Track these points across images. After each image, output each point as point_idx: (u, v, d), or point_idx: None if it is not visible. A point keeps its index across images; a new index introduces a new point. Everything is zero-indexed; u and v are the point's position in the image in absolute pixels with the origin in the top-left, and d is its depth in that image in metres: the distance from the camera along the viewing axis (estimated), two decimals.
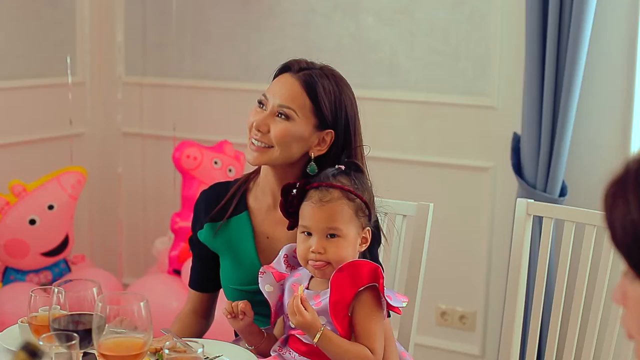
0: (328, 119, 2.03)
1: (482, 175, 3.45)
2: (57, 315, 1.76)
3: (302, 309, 1.81)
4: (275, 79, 2.08)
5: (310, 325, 1.82)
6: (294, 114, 2.02)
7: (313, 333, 1.82)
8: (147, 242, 4.22)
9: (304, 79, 2.03)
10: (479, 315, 3.52)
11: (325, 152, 2.05)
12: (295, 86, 2.03)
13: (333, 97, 2.04)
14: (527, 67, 3.17)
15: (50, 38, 4.07)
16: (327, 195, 1.88)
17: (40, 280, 3.63)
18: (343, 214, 1.87)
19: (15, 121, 3.94)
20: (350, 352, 1.82)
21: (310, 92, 2.02)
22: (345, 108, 2.05)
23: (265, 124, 2.03)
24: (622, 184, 1.05)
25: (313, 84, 2.02)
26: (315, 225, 1.88)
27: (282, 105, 2.02)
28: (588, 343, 2.21)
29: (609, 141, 3.20)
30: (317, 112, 2.03)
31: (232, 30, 3.94)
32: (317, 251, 1.86)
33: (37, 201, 3.58)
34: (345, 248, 1.88)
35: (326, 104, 2.03)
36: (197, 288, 2.23)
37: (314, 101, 2.02)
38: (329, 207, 1.87)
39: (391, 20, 3.56)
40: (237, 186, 2.16)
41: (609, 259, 2.17)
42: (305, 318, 1.81)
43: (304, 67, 2.06)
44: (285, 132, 2.01)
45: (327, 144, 2.05)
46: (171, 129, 4.05)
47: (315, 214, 1.88)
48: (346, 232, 1.88)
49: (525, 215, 2.30)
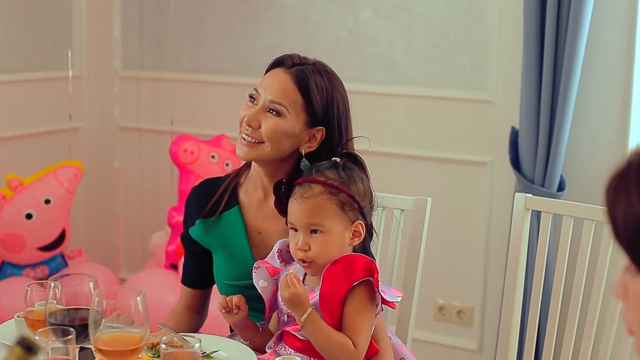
0: (319, 116, 2.02)
1: (480, 169, 3.45)
2: (53, 309, 1.75)
3: (295, 281, 1.80)
4: (268, 74, 2.06)
5: (301, 299, 1.80)
6: (285, 111, 2.00)
7: (301, 310, 1.80)
8: (144, 237, 4.21)
9: (296, 75, 2.01)
10: (476, 310, 3.52)
11: (316, 149, 2.03)
12: (287, 82, 2.01)
13: (325, 94, 2.01)
14: (525, 62, 3.16)
15: (47, 32, 4.06)
16: (308, 191, 1.87)
17: (36, 275, 3.63)
18: (325, 209, 1.86)
19: (11, 115, 3.92)
20: (334, 339, 1.81)
21: (302, 89, 2.00)
22: (337, 105, 2.03)
23: (257, 119, 2.01)
24: (624, 178, 1.04)
25: (305, 81, 2.00)
26: (298, 221, 1.87)
27: (273, 101, 2.00)
28: (586, 338, 2.20)
29: (607, 136, 3.20)
30: (308, 109, 2.01)
31: (229, 25, 3.93)
32: (302, 248, 1.86)
33: (34, 195, 3.57)
34: (329, 244, 1.86)
35: (318, 101, 2.01)
36: (189, 284, 2.22)
37: (306, 98, 2.00)
38: (309, 202, 1.86)
39: (389, 15, 3.55)
40: (228, 181, 2.15)
41: (608, 253, 2.17)
42: (297, 290, 1.79)
43: (296, 62, 2.04)
44: (276, 128, 1.99)
45: (317, 141, 2.03)
46: (168, 123, 4.05)
47: (297, 210, 1.87)
48: (329, 228, 1.86)
49: (524, 210, 2.30)
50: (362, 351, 1.84)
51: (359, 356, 1.83)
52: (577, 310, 2.23)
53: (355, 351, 1.82)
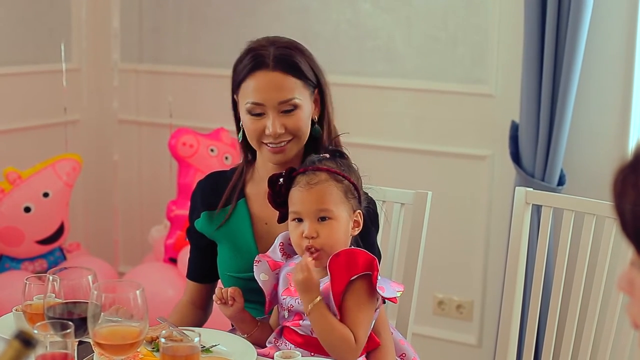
0: (313, 81, 2.08)
1: (480, 163, 3.44)
2: (52, 303, 1.74)
3: (311, 267, 1.80)
4: (255, 82, 2.04)
5: (313, 285, 1.80)
6: (297, 100, 2.03)
7: (310, 297, 1.80)
8: (143, 230, 4.20)
9: (283, 67, 2.04)
10: (475, 304, 3.51)
11: (321, 112, 2.10)
12: (281, 78, 2.03)
13: (307, 61, 2.07)
14: (526, 55, 3.15)
15: (45, 24, 4.04)
16: (314, 178, 1.87)
17: (35, 269, 3.62)
18: (333, 195, 1.87)
19: (10, 108, 3.91)
20: (336, 331, 1.80)
21: (295, 73, 2.04)
22: (314, 62, 2.10)
23: (279, 125, 2.02)
24: (632, 170, 1.03)
25: (293, 65, 2.05)
26: (306, 209, 1.86)
27: (283, 101, 2.02)
28: (587, 333, 2.20)
29: (608, 130, 3.19)
30: (306, 82, 2.06)
31: (229, 17, 3.91)
32: (310, 235, 1.85)
33: (32, 189, 3.56)
34: (338, 230, 1.87)
35: (308, 72, 2.07)
36: (194, 279, 2.22)
37: (302, 77, 2.05)
38: (318, 189, 1.86)
39: (388, 7, 3.54)
40: (237, 175, 2.14)
41: (609, 248, 2.16)
42: (312, 275, 1.80)
43: (272, 55, 2.06)
44: (300, 120, 2.04)
45: (318, 102, 2.10)
46: (167, 116, 4.03)
47: (304, 198, 1.87)
48: (337, 214, 1.87)
49: (524, 204, 2.29)
50: (361, 345, 1.84)
51: (357, 350, 1.83)
52: (577, 305, 2.22)
53: (355, 345, 1.81)
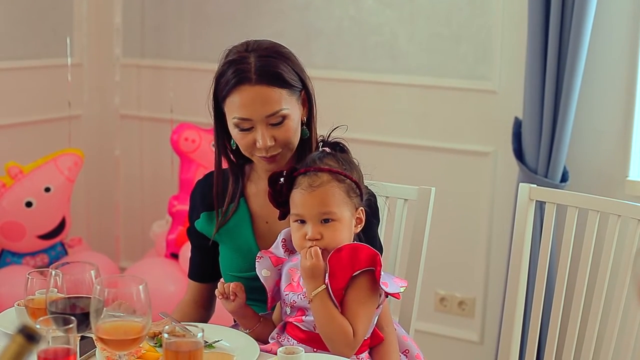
0: (298, 85, 2.02)
1: (483, 160, 3.43)
2: (54, 298, 1.73)
3: (319, 254, 1.80)
4: (240, 97, 1.98)
5: (319, 273, 1.80)
6: (285, 110, 1.98)
7: (315, 284, 1.80)
8: (145, 225, 4.20)
9: (266, 81, 1.97)
10: (478, 301, 3.50)
11: (309, 113, 2.06)
12: (265, 92, 1.96)
13: (289, 65, 2.00)
14: (529, 51, 3.14)
15: (47, 19, 4.03)
16: (316, 180, 1.86)
17: (36, 263, 3.62)
18: (335, 196, 1.85)
19: (11, 103, 3.91)
20: (336, 321, 1.80)
21: (280, 84, 1.98)
22: (299, 66, 2.04)
23: (269, 137, 1.98)
24: None
25: (276, 75, 1.97)
26: (309, 212, 1.85)
27: (270, 114, 1.97)
28: (590, 329, 2.20)
29: (611, 127, 3.18)
30: (291, 89, 2.00)
31: (231, 12, 3.90)
32: (314, 238, 1.84)
33: (34, 183, 3.56)
34: (341, 231, 1.86)
35: (293, 79, 2.00)
36: (196, 279, 2.21)
37: (286, 85, 1.99)
38: (320, 191, 1.85)
39: (392, 3, 3.53)
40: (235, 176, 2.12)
41: (612, 245, 2.16)
42: (320, 263, 1.80)
43: (253, 68, 1.97)
44: (290, 130, 1.99)
45: (306, 102, 2.06)
46: (169, 112, 4.03)
47: (306, 201, 1.86)
48: (340, 215, 1.86)
49: (528, 200, 2.28)
50: (359, 340, 1.83)
51: (355, 344, 1.83)
52: (580, 302, 2.22)
53: (352, 339, 1.81)
